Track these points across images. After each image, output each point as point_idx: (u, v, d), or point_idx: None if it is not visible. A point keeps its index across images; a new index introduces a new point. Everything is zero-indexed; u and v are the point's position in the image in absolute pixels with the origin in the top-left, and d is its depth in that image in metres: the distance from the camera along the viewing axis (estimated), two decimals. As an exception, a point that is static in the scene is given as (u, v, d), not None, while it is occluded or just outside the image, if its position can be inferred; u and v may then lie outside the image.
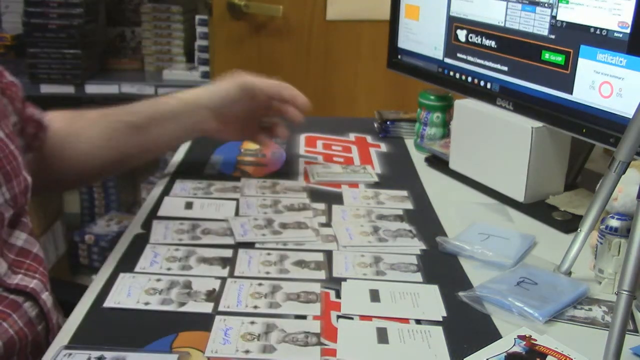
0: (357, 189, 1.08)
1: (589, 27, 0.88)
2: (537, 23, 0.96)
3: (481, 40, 1.06)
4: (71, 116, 1.01)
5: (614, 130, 0.86)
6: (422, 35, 1.20)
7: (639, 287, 0.64)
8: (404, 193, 1.06)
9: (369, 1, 2.01)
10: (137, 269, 0.81)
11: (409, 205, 1.01)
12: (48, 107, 0.99)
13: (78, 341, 0.67)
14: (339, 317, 0.72)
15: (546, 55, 0.95)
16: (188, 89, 1.08)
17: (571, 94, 0.93)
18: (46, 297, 0.80)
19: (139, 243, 0.88)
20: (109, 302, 0.74)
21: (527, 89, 1.00)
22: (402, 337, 0.69)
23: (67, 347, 0.66)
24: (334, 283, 0.79)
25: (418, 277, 0.81)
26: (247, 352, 0.65)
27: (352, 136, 1.35)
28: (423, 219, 0.97)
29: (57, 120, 0.99)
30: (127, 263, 0.82)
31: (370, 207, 1.00)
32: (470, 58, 1.09)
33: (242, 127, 1.11)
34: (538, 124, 0.98)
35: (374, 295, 0.77)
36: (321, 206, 1.00)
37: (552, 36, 0.94)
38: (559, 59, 0.93)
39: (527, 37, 0.98)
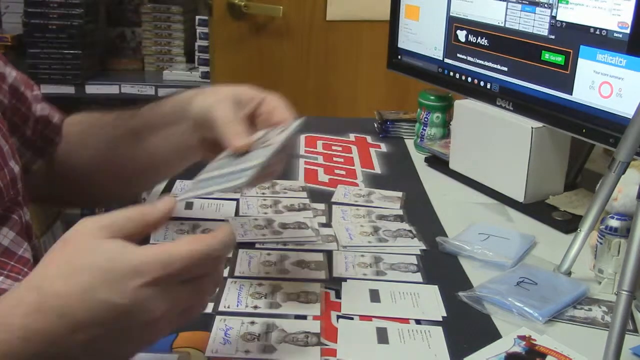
0: (351, 187, 1.08)
1: (588, 27, 0.88)
2: (536, 23, 0.96)
3: (481, 41, 1.06)
4: (90, 119, 0.91)
5: (614, 130, 0.86)
6: (422, 36, 1.20)
7: (639, 287, 0.64)
8: (398, 194, 1.05)
9: (369, 1, 2.01)
10: (137, 269, 0.81)
11: (397, 210, 0.99)
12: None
13: (78, 341, 0.67)
14: (339, 317, 0.72)
15: (546, 56, 0.95)
16: (192, 89, 0.83)
17: (571, 94, 0.93)
18: None
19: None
20: (109, 302, 0.73)
21: (527, 89, 1.00)
22: (402, 337, 0.69)
23: (67, 347, 0.66)
24: (334, 283, 0.79)
25: (418, 277, 0.81)
26: (247, 352, 0.65)
27: (352, 136, 1.35)
28: (423, 219, 0.97)
29: (75, 123, 0.91)
30: (127, 263, 0.82)
31: (365, 207, 1.00)
32: (470, 58, 1.09)
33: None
34: (538, 124, 0.98)
35: (374, 295, 0.76)
36: (321, 206, 1.00)
37: (552, 36, 0.94)
38: (559, 59, 0.93)
39: (527, 37, 0.98)
